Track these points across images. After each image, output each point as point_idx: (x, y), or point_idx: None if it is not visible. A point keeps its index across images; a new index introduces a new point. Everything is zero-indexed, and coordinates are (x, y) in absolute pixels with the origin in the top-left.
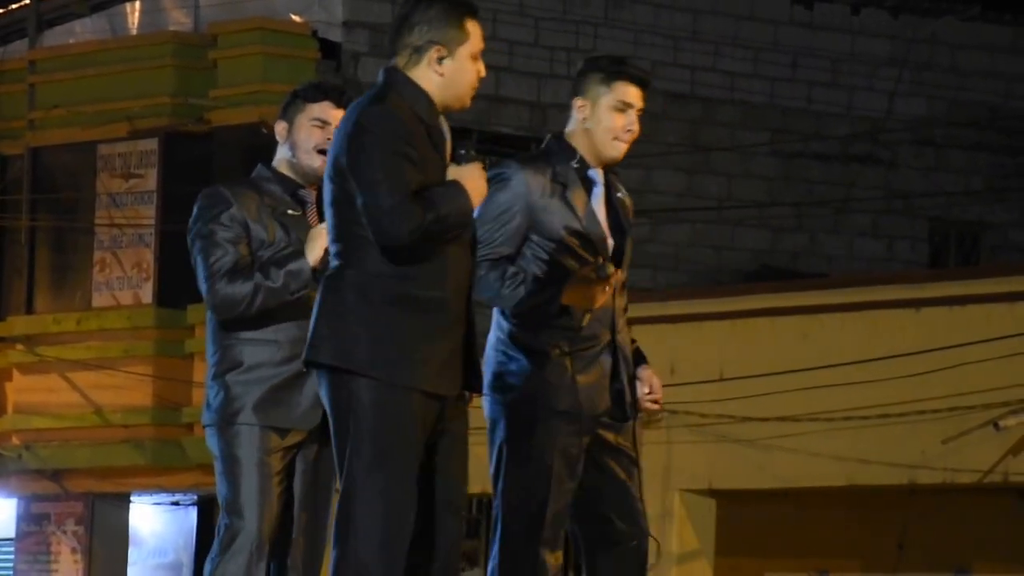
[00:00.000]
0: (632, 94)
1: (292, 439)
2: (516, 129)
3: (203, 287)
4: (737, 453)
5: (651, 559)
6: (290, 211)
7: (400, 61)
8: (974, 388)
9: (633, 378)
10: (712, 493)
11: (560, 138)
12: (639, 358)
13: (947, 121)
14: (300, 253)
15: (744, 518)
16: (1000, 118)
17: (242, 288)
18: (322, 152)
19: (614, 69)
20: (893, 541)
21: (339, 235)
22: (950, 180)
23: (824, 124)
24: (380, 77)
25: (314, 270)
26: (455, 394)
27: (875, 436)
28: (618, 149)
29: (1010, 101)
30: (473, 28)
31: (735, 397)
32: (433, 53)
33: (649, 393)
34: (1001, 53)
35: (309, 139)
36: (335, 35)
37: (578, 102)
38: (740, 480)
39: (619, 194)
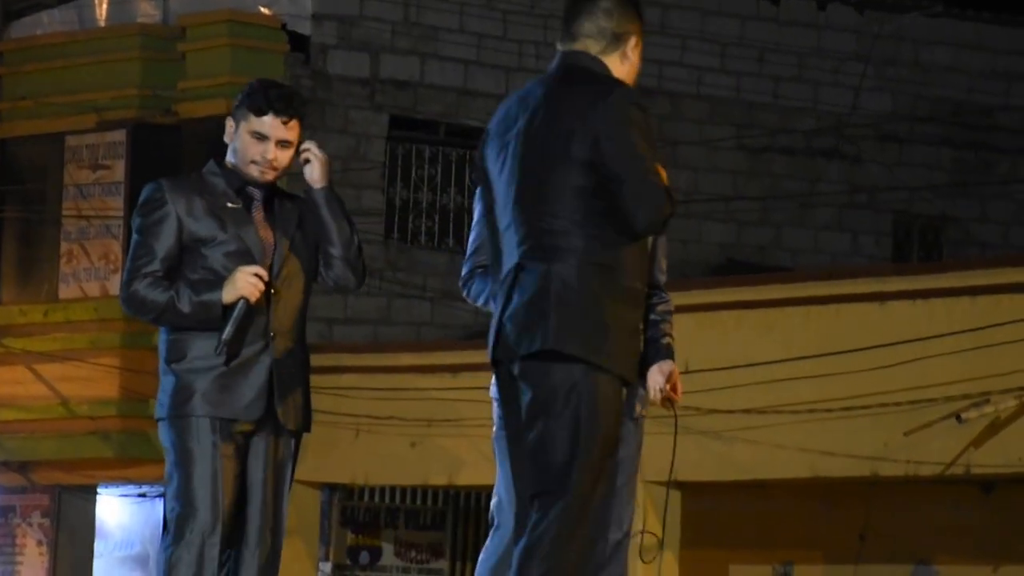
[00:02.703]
0: None
1: (243, 426)
2: (484, 122)
3: (123, 278)
4: (702, 445)
5: (649, 552)
6: (229, 204)
7: (592, 47)
8: (937, 381)
9: (642, 375)
10: (677, 485)
11: None
12: (662, 351)
13: (911, 116)
14: (218, 285)
15: (709, 510)
16: (963, 114)
17: (157, 297)
18: (255, 163)
19: None
20: (856, 532)
21: (580, 221)
22: (914, 175)
23: (790, 119)
24: (574, 61)
25: (225, 307)
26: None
27: (839, 428)
28: None
29: (973, 97)
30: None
31: (700, 389)
32: (633, 40)
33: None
34: (965, 49)
35: (246, 151)
36: (304, 28)
37: None
38: (705, 472)
39: None
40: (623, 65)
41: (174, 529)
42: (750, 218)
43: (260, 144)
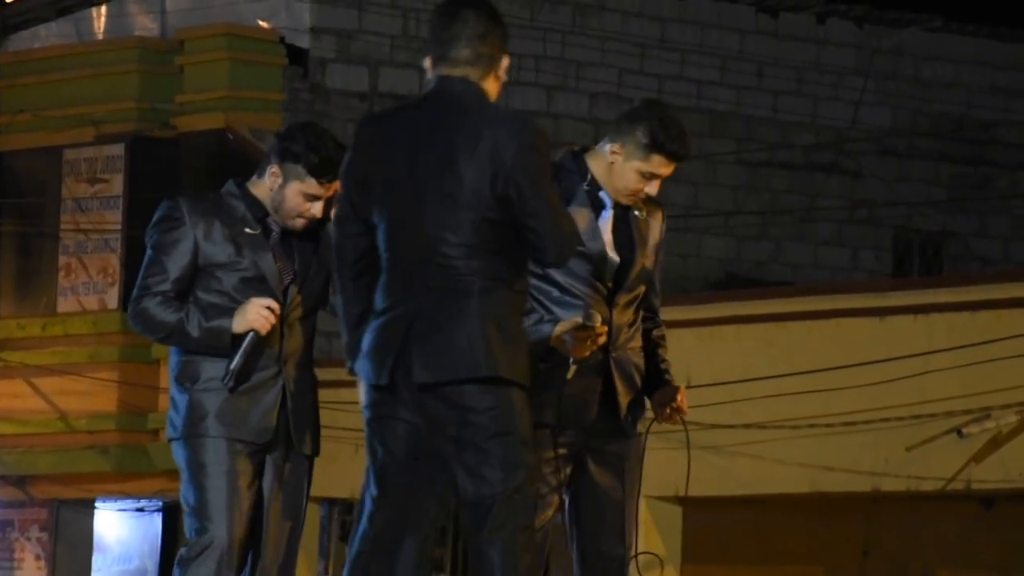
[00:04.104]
0: (664, 168)
1: (257, 447)
2: None
3: (134, 293)
4: (703, 460)
5: (651, 571)
6: (247, 230)
7: (472, 73)
8: (937, 396)
9: (640, 392)
10: (679, 500)
11: (578, 156)
12: (665, 377)
13: (911, 131)
14: (229, 311)
15: (710, 525)
16: (963, 129)
17: (166, 317)
18: (301, 217)
19: (659, 142)
20: (857, 548)
21: (491, 251)
22: (913, 190)
23: (789, 133)
24: (463, 89)
25: (234, 336)
26: None
27: (840, 443)
28: (625, 200)
29: (973, 112)
30: None
31: (701, 404)
32: (505, 61)
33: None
34: (965, 64)
35: (296, 208)
36: (302, 41)
37: (614, 147)
38: (706, 487)
39: (636, 212)
40: (495, 86)
41: (191, 547)
42: (750, 233)
43: (311, 203)
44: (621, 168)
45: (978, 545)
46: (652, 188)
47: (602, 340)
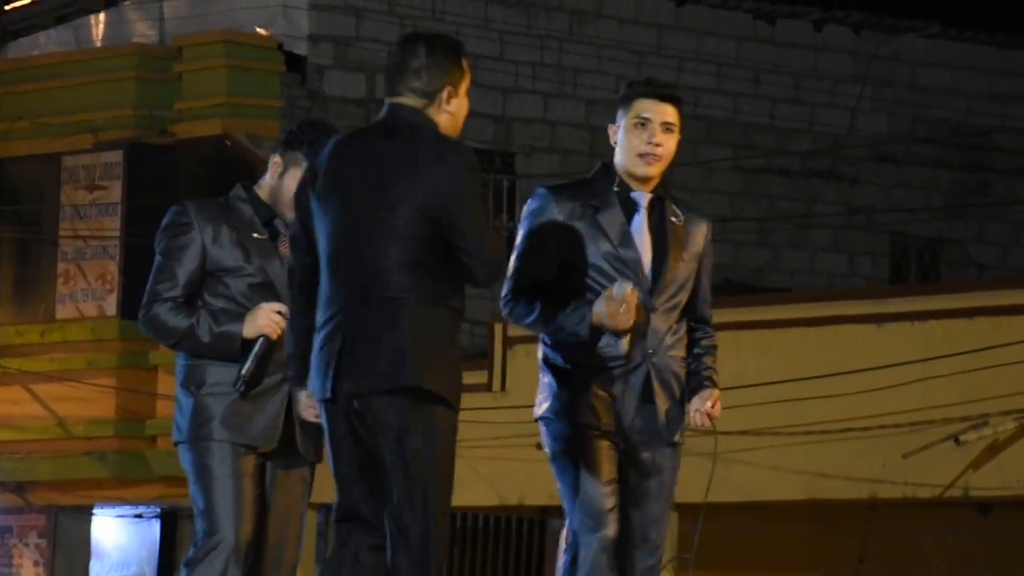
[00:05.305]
0: (649, 107)
1: (262, 450)
2: (480, 143)
3: (144, 299)
4: (699, 466)
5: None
6: (255, 235)
7: (415, 102)
8: (934, 403)
9: (678, 400)
10: (675, 507)
11: (608, 165)
12: (705, 383)
13: (908, 138)
14: (239, 317)
15: (706, 532)
16: (960, 135)
17: (178, 323)
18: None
19: (632, 89)
20: (854, 555)
21: (424, 269)
22: (911, 196)
23: (786, 140)
24: (404, 116)
25: (244, 341)
26: None
27: (837, 450)
28: (642, 166)
29: (970, 118)
30: (467, 65)
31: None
32: (446, 93)
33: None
34: (962, 70)
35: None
36: (300, 48)
37: (611, 128)
38: (702, 493)
39: (673, 218)
40: (440, 115)
41: (199, 548)
42: (747, 239)
43: None
44: (621, 137)
45: (975, 552)
46: (653, 135)
47: (633, 301)
